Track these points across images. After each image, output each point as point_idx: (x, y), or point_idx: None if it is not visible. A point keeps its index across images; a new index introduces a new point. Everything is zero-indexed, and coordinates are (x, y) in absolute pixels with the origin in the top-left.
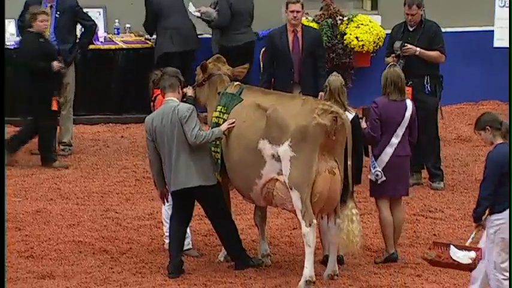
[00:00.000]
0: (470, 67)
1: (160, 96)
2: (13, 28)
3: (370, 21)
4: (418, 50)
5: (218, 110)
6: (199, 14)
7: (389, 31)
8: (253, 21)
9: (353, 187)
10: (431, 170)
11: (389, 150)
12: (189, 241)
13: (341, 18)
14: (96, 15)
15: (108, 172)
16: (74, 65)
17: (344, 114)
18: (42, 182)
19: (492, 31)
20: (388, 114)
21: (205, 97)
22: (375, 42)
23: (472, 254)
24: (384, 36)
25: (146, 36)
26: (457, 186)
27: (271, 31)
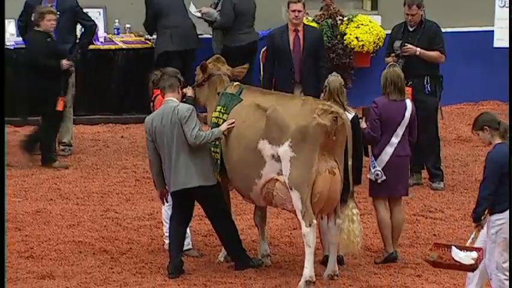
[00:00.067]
0: (470, 67)
1: (160, 96)
2: (13, 28)
3: (370, 22)
4: (419, 50)
5: (218, 110)
6: (200, 15)
7: (390, 31)
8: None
9: (353, 187)
10: (431, 170)
11: (389, 150)
12: (189, 241)
13: (341, 18)
14: (96, 15)
15: (108, 172)
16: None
17: (344, 114)
18: (42, 182)
19: (492, 31)
20: (388, 114)
21: (205, 97)
22: (374, 43)
23: (473, 254)
24: (384, 36)
25: (146, 36)
26: (457, 186)
27: (272, 30)
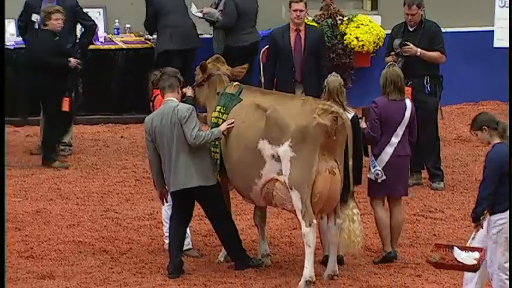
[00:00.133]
0: (470, 67)
1: (159, 96)
2: (13, 28)
3: (370, 21)
4: (419, 51)
5: (217, 110)
6: (201, 15)
7: (390, 31)
8: None
9: (354, 187)
10: (431, 170)
11: (389, 150)
12: (189, 241)
13: (341, 18)
14: (96, 15)
15: (108, 172)
16: None
17: (344, 114)
18: (42, 182)
19: (492, 31)
20: (388, 114)
21: (204, 97)
22: (374, 43)
23: (475, 254)
24: (384, 36)
25: (146, 36)
26: (457, 186)
27: (274, 30)
